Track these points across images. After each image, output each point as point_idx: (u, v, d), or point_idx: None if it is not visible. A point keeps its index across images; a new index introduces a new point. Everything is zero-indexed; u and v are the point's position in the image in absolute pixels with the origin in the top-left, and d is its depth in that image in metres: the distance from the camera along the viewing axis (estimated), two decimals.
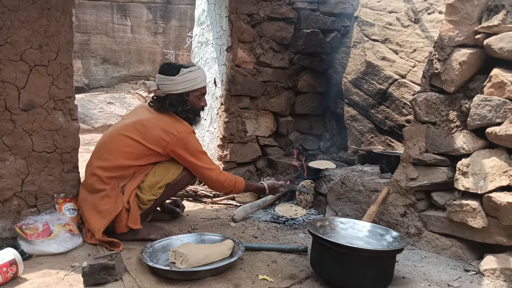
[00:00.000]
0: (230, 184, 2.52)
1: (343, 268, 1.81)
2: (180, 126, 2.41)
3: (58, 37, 2.43)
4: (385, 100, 3.48)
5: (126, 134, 2.36)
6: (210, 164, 2.48)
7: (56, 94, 2.45)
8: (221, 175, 2.49)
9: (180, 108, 2.46)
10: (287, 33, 3.92)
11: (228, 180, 2.51)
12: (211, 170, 2.46)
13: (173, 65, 2.48)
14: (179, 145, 2.37)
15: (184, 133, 2.39)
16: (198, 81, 2.48)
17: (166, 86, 2.42)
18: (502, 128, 1.98)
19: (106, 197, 2.28)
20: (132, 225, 2.29)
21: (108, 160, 2.33)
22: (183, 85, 2.43)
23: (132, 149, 2.34)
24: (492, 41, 2.05)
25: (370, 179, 2.72)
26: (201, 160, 2.44)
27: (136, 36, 11.23)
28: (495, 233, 2.05)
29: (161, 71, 2.47)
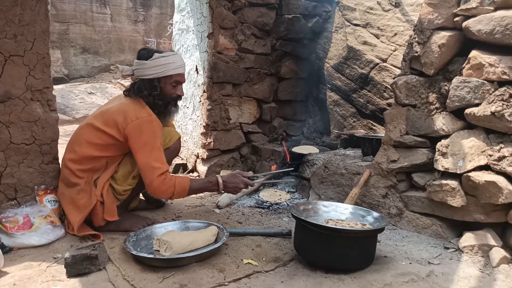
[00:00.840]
0: (167, 189, 2.20)
1: (325, 249, 1.83)
2: (141, 112, 2.26)
3: (34, 26, 2.37)
4: (367, 85, 3.50)
5: (92, 123, 2.29)
6: (156, 162, 2.20)
7: (33, 84, 2.39)
8: (159, 178, 2.17)
9: (146, 92, 2.31)
10: (268, 19, 3.89)
11: (164, 184, 2.19)
12: (153, 169, 2.18)
13: (149, 50, 2.37)
14: (134, 131, 2.20)
15: (143, 119, 2.23)
16: (171, 67, 2.34)
17: (138, 71, 2.33)
18: (480, 109, 2.01)
19: (82, 192, 2.25)
20: (109, 217, 2.25)
21: (77, 152, 2.28)
22: (153, 70, 2.30)
23: (98, 140, 2.26)
24: (471, 23, 2.07)
25: (352, 162, 2.74)
26: (149, 154, 2.20)
27: (116, 24, 11.03)
28: (473, 211, 2.09)
29: (137, 56, 2.38)
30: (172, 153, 2.58)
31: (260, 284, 1.74)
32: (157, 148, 2.24)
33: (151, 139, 2.23)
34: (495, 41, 1.99)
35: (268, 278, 1.80)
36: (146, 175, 2.20)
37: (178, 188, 2.22)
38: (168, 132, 2.53)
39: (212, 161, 3.73)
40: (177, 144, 2.60)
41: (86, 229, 2.25)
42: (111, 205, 2.28)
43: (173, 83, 2.39)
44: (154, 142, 2.23)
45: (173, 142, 2.55)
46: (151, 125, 2.25)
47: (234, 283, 1.75)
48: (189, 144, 4.09)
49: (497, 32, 1.96)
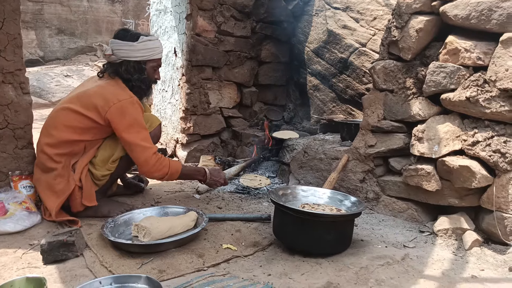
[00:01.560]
0: (163, 168, 2.27)
1: (303, 233, 1.85)
2: (122, 94, 2.24)
3: (3, 5, 2.28)
4: (346, 69, 3.51)
5: (69, 107, 2.24)
6: (146, 142, 2.24)
7: (5, 66, 2.32)
8: (154, 156, 2.23)
9: (136, 76, 2.32)
10: (248, 1, 3.84)
11: (160, 163, 2.25)
12: (145, 148, 2.22)
13: (131, 32, 2.35)
14: (117, 114, 2.19)
15: (125, 102, 2.22)
16: (157, 51, 2.38)
17: (123, 52, 2.27)
18: (456, 94, 2.04)
19: (59, 177, 2.20)
20: (87, 202, 2.23)
21: (54, 136, 2.22)
22: (142, 53, 2.30)
23: (77, 123, 2.21)
24: (448, 8, 2.08)
25: (331, 147, 2.76)
26: (137, 134, 2.22)
27: (92, 4, 10.72)
28: (448, 195, 2.14)
29: (117, 36, 2.32)
30: (152, 140, 2.50)
31: (239, 269, 1.76)
32: (143, 128, 2.27)
33: (136, 120, 2.24)
34: (471, 26, 2.01)
35: (247, 263, 1.82)
36: (138, 155, 2.23)
37: (172, 169, 2.30)
38: (147, 118, 2.48)
39: (192, 146, 3.70)
40: (157, 131, 2.56)
41: (63, 215, 2.21)
42: (90, 190, 2.25)
43: (155, 67, 2.42)
44: (140, 122, 2.25)
45: (154, 128, 2.50)
46: (134, 107, 2.25)
47: (213, 268, 1.76)
48: (168, 129, 4.05)
49: (473, 17, 1.98)
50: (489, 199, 1.98)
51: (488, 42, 1.97)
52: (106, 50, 2.33)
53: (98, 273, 1.68)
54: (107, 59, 2.34)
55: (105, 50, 2.35)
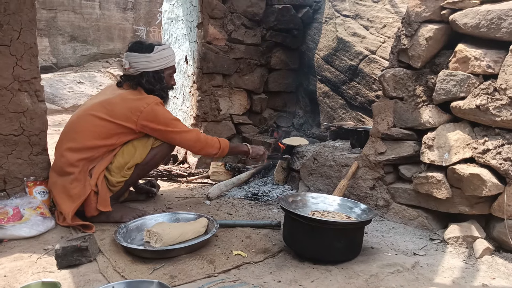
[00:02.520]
0: (214, 141, 2.51)
1: (313, 240, 1.86)
2: (146, 99, 2.36)
3: (20, 15, 2.34)
4: (356, 76, 3.52)
5: (93, 113, 2.32)
6: (186, 128, 2.46)
7: (21, 75, 2.38)
8: (202, 134, 2.48)
9: (158, 86, 2.46)
10: (258, 9, 3.88)
11: (210, 138, 2.51)
12: (189, 132, 2.44)
13: (144, 43, 2.46)
14: (150, 118, 2.33)
15: (152, 105, 2.34)
16: (171, 59, 2.51)
17: (141, 64, 2.39)
18: (466, 102, 2.05)
19: (75, 181, 2.25)
20: (102, 207, 2.27)
21: (77, 140, 2.29)
22: (159, 62, 2.42)
23: (101, 128, 2.30)
24: (457, 16, 2.09)
25: (341, 154, 2.77)
26: (176, 126, 2.41)
27: (105, 12, 10.88)
28: (458, 203, 2.14)
29: (132, 49, 2.42)
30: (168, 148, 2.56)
31: (249, 275, 1.77)
32: (177, 120, 2.44)
33: (167, 115, 2.39)
34: (480, 35, 2.02)
35: (257, 269, 1.83)
36: (188, 138, 2.43)
37: (222, 143, 2.54)
38: None
39: None
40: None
41: (78, 219, 2.25)
42: (105, 195, 2.30)
43: (171, 74, 2.55)
44: (172, 116, 2.42)
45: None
46: (161, 107, 2.39)
47: (223, 274, 1.78)
48: None
49: (482, 26, 1.99)
50: (500, 207, 1.98)
51: (498, 51, 1.97)
52: (124, 64, 2.43)
53: (111, 278, 1.71)
54: (126, 72, 2.44)
55: (124, 64, 2.45)
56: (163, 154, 2.53)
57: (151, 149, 2.45)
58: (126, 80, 2.47)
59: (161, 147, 2.48)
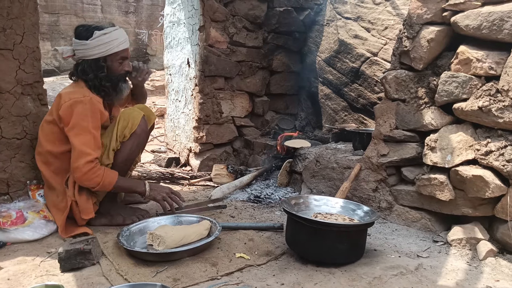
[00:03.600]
0: (95, 177, 2.12)
1: (316, 243, 1.86)
2: (76, 93, 2.15)
3: (23, 19, 2.36)
4: (358, 78, 3.53)
5: (45, 118, 2.26)
6: (85, 146, 2.10)
7: (24, 78, 2.39)
8: (87, 165, 2.09)
9: (92, 75, 2.21)
10: (260, 12, 3.89)
11: (93, 172, 2.11)
12: (80, 154, 2.09)
13: (87, 27, 2.22)
14: (66, 111, 2.11)
15: (76, 100, 2.11)
16: (115, 44, 2.23)
17: (80, 51, 2.19)
18: (468, 103, 2.04)
19: (60, 194, 2.24)
20: (85, 216, 2.21)
21: (41, 153, 2.25)
22: (97, 50, 2.19)
23: (51, 133, 2.20)
24: (459, 18, 2.09)
25: (343, 156, 2.77)
26: (78, 136, 2.10)
27: (106, 15, 10.92)
28: (461, 205, 2.13)
29: (75, 35, 2.22)
30: (139, 137, 2.37)
31: (252, 278, 1.77)
32: (87, 131, 2.12)
33: (81, 121, 2.11)
34: (482, 36, 2.02)
35: (260, 272, 1.83)
36: (73, 159, 2.11)
37: (105, 180, 2.15)
38: (128, 114, 2.33)
39: (205, 155, 3.74)
40: (143, 125, 2.38)
41: (71, 230, 2.21)
42: (86, 203, 2.22)
43: (119, 60, 2.30)
44: (84, 124, 2.12)
45: (137, 124, 2.32)
46: (83, 107, 2.12)
47: (226, 277, 1.78)
48: (181, 138, 4.09)
49: (484, 28, 1.99)
50: (503, 209, 1.97)
51: (500, 52, 1.97)
52: (64, 52, 2.24)
53: (114, 281, 1.71)
54: (73, 59, 2.25)
55: (62, 53, 2.25)
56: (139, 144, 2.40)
57: (121, 144, 2.30)
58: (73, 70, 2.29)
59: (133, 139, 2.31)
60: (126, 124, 2.29)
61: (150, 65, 11.23)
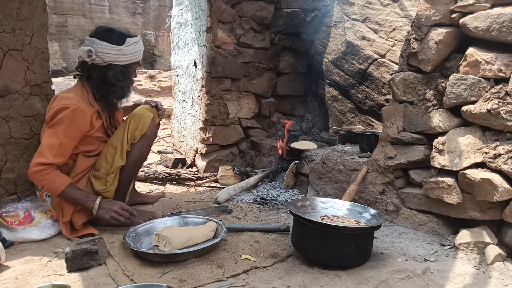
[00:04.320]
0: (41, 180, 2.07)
1: (322, 245, 1.85)
2: (66, 99, 2.13)
3: (32, 20, 2.38)
4: (365, 80, 3.51)
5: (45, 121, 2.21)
6: (46, 149, 2.07)
7: (32, 79, 2.41)
8: (38, 167, 2.06)
9: (123, 82, 2.27)
10: (267, 13, 3.89)
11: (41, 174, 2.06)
12: (38, 154, 2.08)
13: (116, 32, 2.22)
14: (49, 117, 2.11)
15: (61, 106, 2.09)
16: (141, 53, 2.31)
17: (110, 56, 2.17)
18: (477, 106, 2.03)
19: None
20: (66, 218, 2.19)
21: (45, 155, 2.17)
22: (129, 57, 2.22)
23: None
24: (468, 20, 2.07)
25: (350, 158, 2.76)
26: (48, 138, 2.10)
27: (114, 16, 10.99)
28: (469, 208, 2.11)
29: (101, 37, 2.17)
30: (149, 139, 2.41)
31: (258, 280, 1.77)
32: (56, 136, 2.09)
33: (57, 125, 2.09)
34: (491, 38, 2.00)
35: (266, 274, 1.83)
36: (33, 156, 2.09)
37: (51, 185, 2.08)
38: (138, 116, 2.35)
39: (211, 156, 3.74)
40: (153, 127, 2.41)
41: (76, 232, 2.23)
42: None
43: (136, 68, 2.36)
44: (57, 128, 2.09)
45: (147, 126, 2.35)
46: (64, 113, 2.09)
47: (232, 279, 1.78)
48: (188, 139, 4.10)
49: (493, 29, 1.97)
50: None
51: (509, 54, 1.96)
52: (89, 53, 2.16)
53: (120, 282, 1.72)
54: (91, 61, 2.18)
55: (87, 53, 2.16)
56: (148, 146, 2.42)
57: (131, 146, 2.32)
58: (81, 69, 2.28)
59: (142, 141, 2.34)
60: (137, 126, 2.32)
61: (157, 66, 11.30)
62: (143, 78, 8.84)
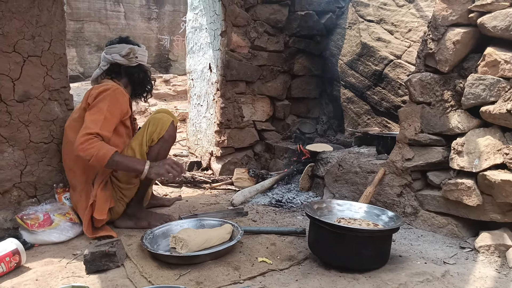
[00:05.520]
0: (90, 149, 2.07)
1: (340, 248, 1.84)
2: (105, 84, 2.30)
3: (50, 26, 2.42)
4: (381, 81, 3.48)
5: (73, 117, 2.33)
6: (91, 123, 2.13)
7: (51, 84, 2.45)
8: (85, 136, 2.08)
9: (150, 79, 2.61)
10: (281, 16, 3.90)
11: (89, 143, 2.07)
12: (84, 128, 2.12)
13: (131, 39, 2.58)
14: (91, 99, 2.23)
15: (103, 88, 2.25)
16: None
17: (141, 56, 2.50)
18: (496, 106, 1.99)
19: (84, 193, 2.29)
20: (98, 215, 2.22)
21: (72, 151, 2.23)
22: (146, 58, 2.59)
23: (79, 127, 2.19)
24: (486, 19, 2.04)
25: (366, 160, 2.74)
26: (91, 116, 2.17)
27: (129, 22, 11.12)
28: (489, 210, 2.07)
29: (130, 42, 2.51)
30: (167, 142, 2.45)
31: (275, 282, 1.76)
32: (101, 112, 2.17)
33: (99, 102, 2.21)
34: (510, 38, 1.97)
35: (283, 277, 1.82)
36: (80, 132, 2.13)
37: (100, 152, 2.07)
38: (158, 120, 2.41)
39: (226, 159, 3.76)
40: (171, 131, 2.44)
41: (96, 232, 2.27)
42: (103, 203, 2.25)
43: None
44: (100, 105, 2.19)
45: (166, 130, 2.39)
46: (106, 93, 2.23)
47: (249, 281, 1.77)
48: (203, 142, 4.12)
49: None
50: None
51: None
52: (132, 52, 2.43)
53: (138, 284, 1.73)
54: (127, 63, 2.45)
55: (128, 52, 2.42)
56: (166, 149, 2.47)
57: (149, 148, 2.37)
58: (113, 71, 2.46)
59: (160, 143, 2.38)
60: (155, 129, 2.38)
61: (172, 71, 11.39)
62: (158, 82, 8.91)
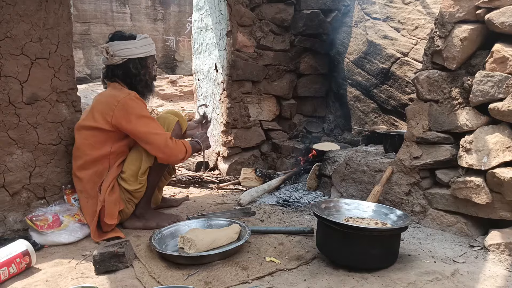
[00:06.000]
0: (180, 145, 2.32)
1: (348, 248, 1.83)
2: (119, 94, 2.30)
3: (57, 29, 2.43)
4: (388, 79, 3.46)
5: (83, 124, 2.32)
6: (159, 130, 2.29)
7: (58, 86, 2.46)
8: (172, 140, 2.29)
9: (143, 71, 2.45)
10: (287, 15, 3.89)
11: (178, 144, 2.31)
12: (161, 135, 2.26)
13: (125, 33, 2.47)
14: (121, 114, 2.24)
15: (125, 99, 2.26)
16: (153, 48, 2.51)
17: (127, 50, 2.37)
18: (505, 103, 1.97)
19: (91, 199, 2.29)
20: (107, 220, 2.24)
21: (80, 157, 2.30)
22: (143, 49, 2.43)
23: (91, 138, 2.28)
24: (493, 15, 2.02)
25: (374, 159, 2.72)
26: (148, 126, 2.26)
27: (136, 23, 11.17)
28: (499, 208, 2.06)
29: (115, 38, 2.40)
30: None
31: (283, 282, 1.76)
32: (152, 119, 2.31)
33: (141, 112, 2.28)
34: None
35: (291, 276, 1.82)
36: (157, 142, 2.25)
37: (188, 147, 2.37)
38: (163, 119, 2.47)
39: (233, 159, 3.76)
40: (177, 130, 2.50)
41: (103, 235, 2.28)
42: (113, 208, 2.26)
43: (153, 62, 2.55)
44: (145, 114, 2.29)
45: (171, 129, 2.45)
46: (134, 102, 2.29)
47: (257, 281, 1.78)
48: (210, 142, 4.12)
49: None
50: None
51: None
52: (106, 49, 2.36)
53: (147, 284, 1.74)
54: (109, 62, 2.39)
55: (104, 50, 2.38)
56: None
57: None
58: (107, 74, 2.44)
59: None
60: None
61: (178, 71, 11.42)
62: (164, 83, 8.95)
